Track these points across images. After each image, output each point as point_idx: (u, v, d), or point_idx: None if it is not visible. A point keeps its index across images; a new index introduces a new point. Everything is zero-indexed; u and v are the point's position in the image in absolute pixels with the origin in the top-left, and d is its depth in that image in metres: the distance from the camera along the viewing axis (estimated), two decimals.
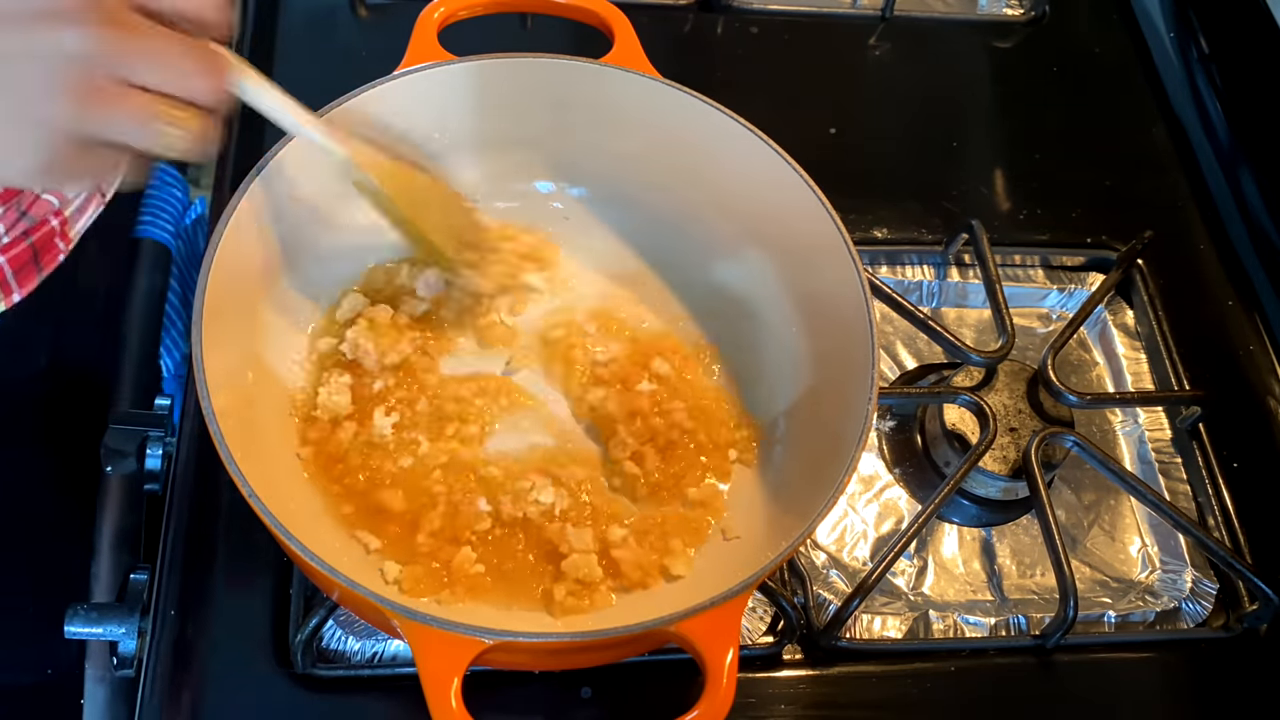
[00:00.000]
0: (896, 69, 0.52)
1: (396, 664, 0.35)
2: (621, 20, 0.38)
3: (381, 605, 0.28)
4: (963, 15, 0.54)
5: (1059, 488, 0.42)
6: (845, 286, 0.35)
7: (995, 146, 0.50)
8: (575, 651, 0.33)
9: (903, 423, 0.43)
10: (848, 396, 0.34)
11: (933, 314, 0.45)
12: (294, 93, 0.32)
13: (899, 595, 0.39)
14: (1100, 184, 0.50)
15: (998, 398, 0.41)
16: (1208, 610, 0.40)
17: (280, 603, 0.35)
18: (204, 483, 0.37)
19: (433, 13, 0.37)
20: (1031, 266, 0.47)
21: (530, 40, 0.48)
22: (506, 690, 0.35)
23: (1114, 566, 0.41)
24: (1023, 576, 0.40)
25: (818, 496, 0.31)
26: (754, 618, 0.37)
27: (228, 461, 0.29)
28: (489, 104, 0.38)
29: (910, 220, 0.47)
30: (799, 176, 0.36)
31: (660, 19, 0.51)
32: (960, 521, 0.41)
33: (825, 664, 0.37)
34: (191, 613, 0.35)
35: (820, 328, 0.37)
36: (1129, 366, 0.45)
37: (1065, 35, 0.54)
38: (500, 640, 0.28)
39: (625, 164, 0.40)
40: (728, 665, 0.28)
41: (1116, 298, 0.47)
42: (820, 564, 0.39)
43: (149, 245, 0.46)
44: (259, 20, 0.47)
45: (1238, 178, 0.50)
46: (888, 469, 0.42)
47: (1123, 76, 0.54)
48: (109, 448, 0.38)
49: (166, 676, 0.34)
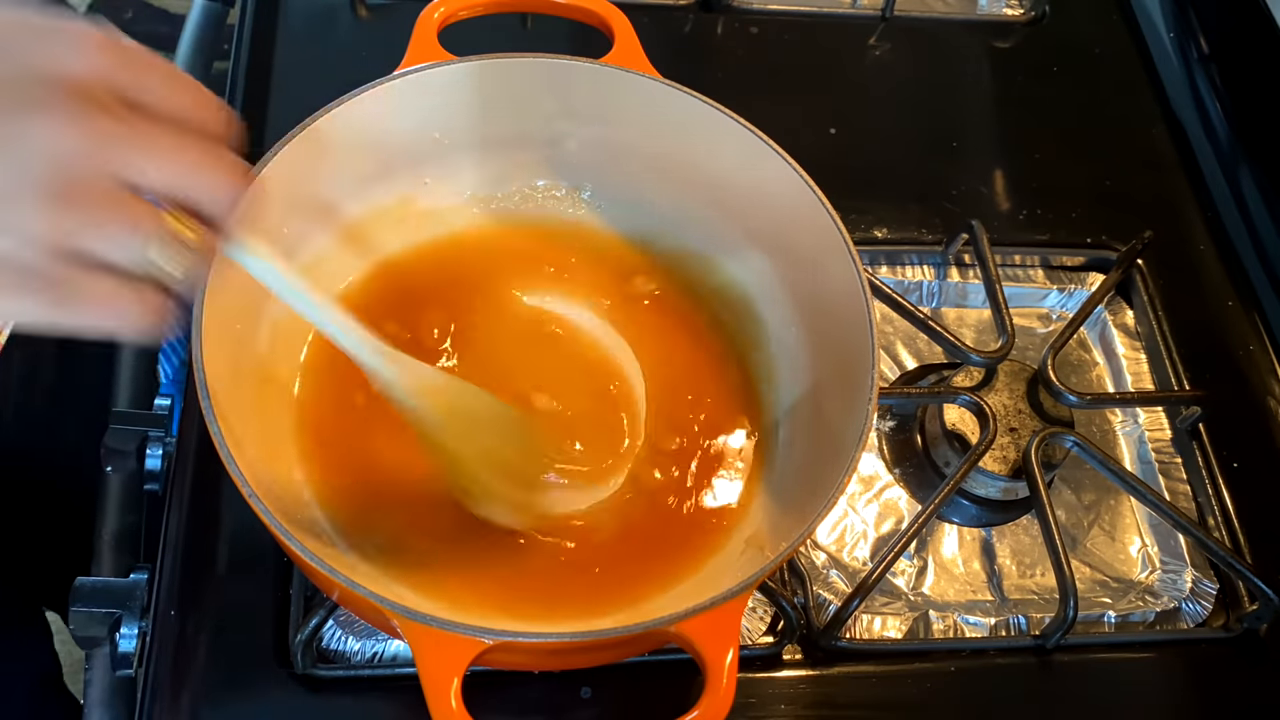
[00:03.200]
0: (896, 69, 0.52)
1: (397, 664, 0.35)
2: (621, 20, 0.38)
3: (381, 605, 0.28)
4: (963, 15, 0.54)
5: (1059, 488, 0.42)
6: (845, 287, 0.35)
7: (995, 146, 0.50)
8: (575, 652, 0.33)
9: (903, 423, 0.43)
10: (848, 397, 0.34)
11: (933, 314, 0.45)
12: (294, 94, 0.32)
13: (899, 595, 0.39)
14: (1100, 184, 0.50)
15: (998, 398, 0.41)
16: (1208, 610, 0.40)
17: (280, 603, 0.35)
18: (204, 483, 0.37)
19: (433, 13, 0.37)
20: (1031, 266, 0.47)
21: (530, 40, 0.48)
22: (507, 690, 0.35)
23: (1114, 566, 0.41)
24: (1023, 576, 0.40)
25: (818, 496, 0.31)
26: (754, 618, 0.37)
27: (227, 461, 0.29)
28: (489, 104, 0.38)
29: (910, 220, 0.47)
30: (799, 176, 0.36)
31: (660, 19, 0.51)
32: (960, 521, 0.41)
33: (825, 664, 0.37)
34: (191, 613, 0.35)
35: (820, 328, 0.37)
36: (1129, 366, 0.45)
37: (1065, 35, 0.54)
38: (500, 640, 0.28)
39: (624, 164, 0.40)
40: (728, 665, 0.28)
41: (1116, 298, 0.47)
42: (820, 564, 0.39)
43: None
44: (258, 20, 0.47)
45: (1238, 178, 0.50)
46: (888, 469, 0.42)
47: (1123, 76, 0.54)
48: (109, 448, 0.37)
49: (166, 677, 0.34)
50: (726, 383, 0.39)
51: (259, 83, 0.45)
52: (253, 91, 0.45)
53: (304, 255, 0.37)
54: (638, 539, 0.35)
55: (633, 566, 0.35)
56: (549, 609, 0.34)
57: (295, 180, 0.35)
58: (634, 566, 0.35)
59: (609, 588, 0.34)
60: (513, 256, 0.40)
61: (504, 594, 0.34)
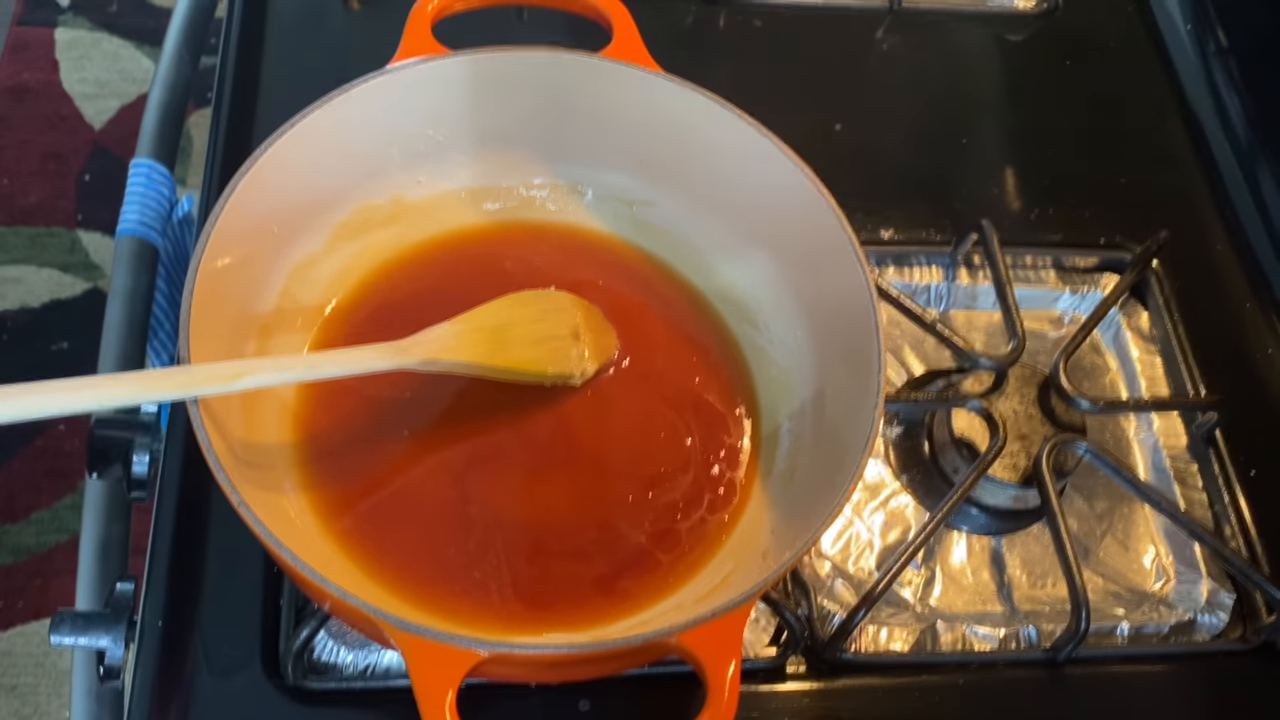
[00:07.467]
0: (904, 63, 0.51)
1: (390, 676, 0.35)
2: (621, 12, 0.37)
3: (374, 616, 0.28)
4: (973, 8, 0.53)
5: (1071, 496, 0.41)
6: (851, 288, 0.34)
7: (1006, 143, 0.49)
8: (573, 664, 0.32)
9: (910, 429, 0.42)
10: (853, 402, 0.33)
11: (941, 317, 0.44)
12: (284, 89, 0.31)
13: (906, 606, 0.38)
14: (1114, 182, 0.48)
15: (1008, 403, 0.40)
16: (1224, 622, 0.39)
17: (270, 613, 0.34)
18: (192, 490, 0.36)
19: (426, 5, 0.37)
20: (1043, 268, 0.46)
21: (527, 33, 0.48)
22: (503, 703, 0.34)
23: (1127, 577, 0.40)
24: (1033, 587, 0.39)
25: (822, 504, 0.31)
26: (756, 629, 0.37)
27: (215, 469, 0.28)
28: (484, 99, 0.37)
29: (918, 220, 0.46)
30: (803, 174, 0.35)
31: (661, 11, 0.50)
32: (969, 530, 0.40)
33: (830, 677, 0.36)
34: (179, 623, 0.34)
35: (825, 331, 0.36)
36: (1143, 371, 0.44)
37: (1078, 28, 0.53)
38: (496, 652, 0.28)
39: (624, 161, 0.39)
40: (729, 678, 0.28)
41: (1131, 300, 0.46)
42: (825, 574, 0.38)
43: (133, 243, 0.45)
44: (246, 14, 0.47)
45: (1256, 176, 0.49)
46: (894, 476, 0.41)
47: (1138, 71, 0.52)
48: (93, 453, 0.37)
49: (154, 688, 0.33)
50: (727, 386, 0.38)
51: (248, 78, 0.45)
52: (241, 87, 0.44)
53: (294, 254, 0.36)
54: (636, 546, 0.34)
55: (632, 577, 0.34)
56: (546, 620, 0.33)
57: (285, 177, 0.34)
58: (633, 577, 0.34)
59: (607, 598, 0.34)
60: (508, 255, 0.39)
61: (500, 604, 0.33)
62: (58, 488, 0.83)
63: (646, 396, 0.37)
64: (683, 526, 0.35)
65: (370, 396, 0.36)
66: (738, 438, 0.37)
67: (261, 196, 0.34)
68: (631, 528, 0.35)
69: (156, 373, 0.29)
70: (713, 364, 0.38)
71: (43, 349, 0.88)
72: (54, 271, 0.92)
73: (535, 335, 0.35)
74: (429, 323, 0.37)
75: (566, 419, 0.37)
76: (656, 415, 0.37)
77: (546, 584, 0.34)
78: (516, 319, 0.35)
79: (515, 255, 0.39)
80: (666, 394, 0.37)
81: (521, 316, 0.35)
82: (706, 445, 0.36)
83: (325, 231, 0.37)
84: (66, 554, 0.80)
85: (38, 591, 0.79)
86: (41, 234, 0.94)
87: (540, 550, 0.34)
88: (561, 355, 0.35)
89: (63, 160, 0.98)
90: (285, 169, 0.34)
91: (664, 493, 0.35)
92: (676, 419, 0.37)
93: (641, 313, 0.39)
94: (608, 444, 0.37)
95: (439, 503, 0.34)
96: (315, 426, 0.35)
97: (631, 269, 0.40)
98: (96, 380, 0.28)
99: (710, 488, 0.36)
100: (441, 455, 0.35)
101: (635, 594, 0.34)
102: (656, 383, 0.37)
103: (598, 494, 0.35)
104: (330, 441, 0.35)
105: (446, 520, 0.34)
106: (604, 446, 0.36)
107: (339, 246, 0.38)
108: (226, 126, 0.43)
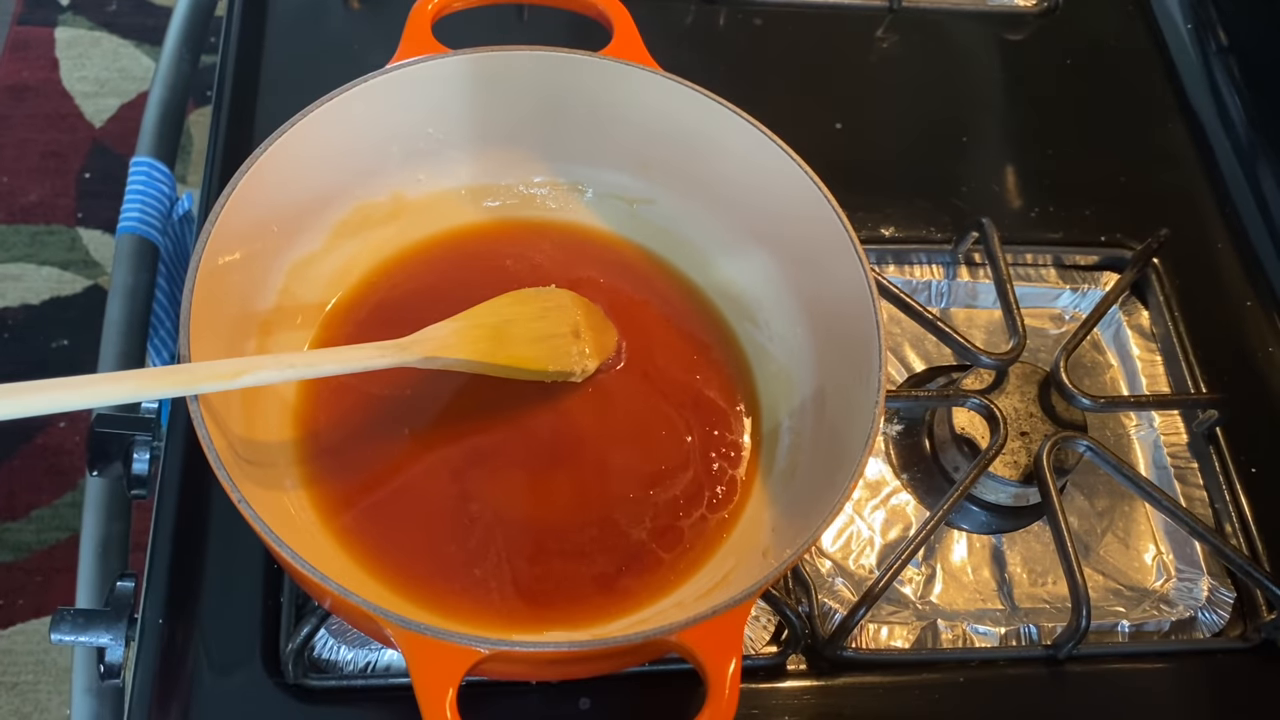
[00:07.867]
0: (904, 62, 0.51)
1: (390, 674, 0.35)
2: (621, 12, 0.37)
3: (375, 613, 0.27)
4: (973, 6, 0.53)
5: (1071, 493, 0.41)
6: (851, 286, 0.34)
7: (1006, 142, 0.49)
8: (573, 661, 0.32)
9: (910, 426, 0.42)
10: (854, 400, 0.33)
11: (941, 315, 0.44)
12: (284, 88, 0.31)
13: (906, 604, 0.38)
14: (1115, 180, 0.48)
15: (1008, 401, 0.40)
16: (1225, 619, 0.39)
17: (271, 611, 0.34)
18: (192, 488, 0.36)
19: (426, 4, 0.36)
20: (1044, 266, 0.46)
21: (527, 32, 0.48)
22: (503, 701, 0.34)
23: (1128, 574, 0.40)
24: (1034, 585, 0.39)
25: (823, 502, 0.31)
26: (757, 627, 0.37)
27: (216, 467, 0.28)
28: (484, 98, 0.37)
29: (918, 218, 0.46)
30: (804, 173, 0.35)
31: (661, 10, 0.50)
32: (970, 528, 0.40)
33: (830, 674, 0.36)
34: (179, 621, 0.34)
35: (825, 329, 0.36)
36: (1144, 369, 0.44)
37: (1079, 27, 0.53)
38: (497, 649, 0.28)
39: (624, 159, 0.39)
40: (730, 676, 0.28)
41: (1131, 298, 0.46)
42: (825, 572, 0.38)
43: (133, 241, 0.45)
44: (246, 13, 0.46)
45: (1257, 174, 0.49)
46: (895, 474, 0.41)
47: (1139, 69, 0.52)
48: (93, 451, 0.37)
49: (154, 686, 0.33)
50: (728, 384, 0.38)
51: (248, 77, 0.45)
52: (241, 86, 0.44)
53: (294, 252, 0.36)
54: (637, 544, 0.34)
55: (632, 574, 0.34)
56: (546, 618, 0.33)
57: (285, 176, 0.34)
58: (633, 574, 0.34)
59: (608, 596, 0.34)
60: (509, 253, 0.39)
61: (500, 602, 0.33)
62: (58, 485, 0.83)
63: (647, 394, 0.37)
64: (683, 524, 0.35)
65: (371, 394, 0.36)
66: (738, 435, 0.37)
67: (262, 194, 0.34)
68: (632, 525, 0.35)
69: (157, 370, 0.29)
70: (713, 361, 0.38)
71: (43, 346, 0.88)
72: (54, 269, 0.92)
73: (535, 333, 0.35)
74: (429, 320, 0.37)
75: (567, 417, 0.37)
76: (657, 413, 0.37)
77: (547, 582, 0.34)
78: (517, 316, 0.35)
79: (515, 253, 0.39)
80: (667, 392, 0.37)
81: (522, 314, 0.36)
82: (707, 443, 0.36)
83: (326, 229, 0.37)
84: (67, 552, 0.80)
85: (38, 589, 0.79)
86: (42, 232, 0.94)
87: (540, 548, 0.34)
88: (562, 353, 0.35)
89: (63, 158, 0.98)
90: (285, 167, 0.34)
91: (664, 490, 0.35)
92: (677, 417, 0.37)
93: (642, 310, 0.39)
94: (608, 442, 0.37)
95: (439, 500, 0.34)
96: (316, 424, 0.35)
97: (632, 267, 0.40)
98: (97, 378, 0.28)
99: (711, 485, 0.36)
100: (442, 453, 0.35)
101: (636, 592, 0.34)
102: (657, 380, 0.37)
103: (598, 492, 0.35)
104: (331, 439, 0.35)
105: (447, 518, 0.34)
106: (604, 444, 0.36)
107: (339, 244, 0.38)
108: (227, 125, 0.43)
